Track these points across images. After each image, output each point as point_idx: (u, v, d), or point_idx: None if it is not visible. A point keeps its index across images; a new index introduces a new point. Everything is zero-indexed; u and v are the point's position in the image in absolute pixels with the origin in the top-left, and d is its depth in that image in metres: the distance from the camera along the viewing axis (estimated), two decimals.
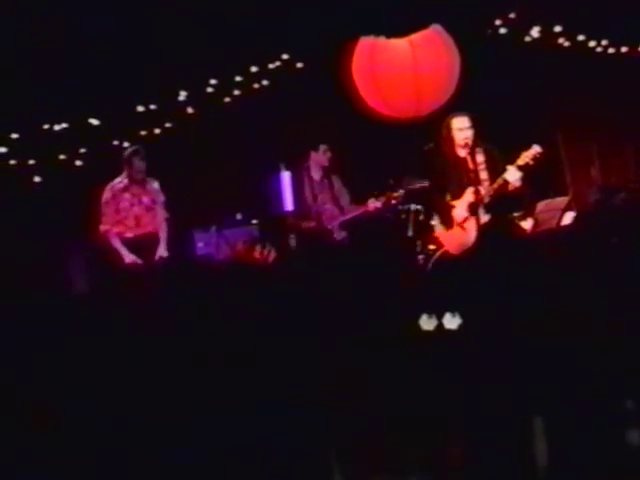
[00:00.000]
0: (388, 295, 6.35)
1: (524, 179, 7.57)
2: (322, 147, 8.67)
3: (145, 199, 8.30)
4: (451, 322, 6.39)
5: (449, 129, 7.77)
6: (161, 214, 8.32)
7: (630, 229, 6.32)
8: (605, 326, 5.12)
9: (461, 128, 7.72)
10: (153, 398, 5.07)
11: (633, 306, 5.26)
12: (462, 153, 7.77)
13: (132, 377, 5.30)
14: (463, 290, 6.42)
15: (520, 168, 7.55)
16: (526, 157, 7.56)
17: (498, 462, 4.29)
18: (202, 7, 8.83)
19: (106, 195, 8.24)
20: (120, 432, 4.78)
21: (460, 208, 7.74)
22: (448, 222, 7.81)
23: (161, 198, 8.33)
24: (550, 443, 4.46)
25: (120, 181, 8.28)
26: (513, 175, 7.55)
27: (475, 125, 7.72)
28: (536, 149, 7.57)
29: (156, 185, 8.32)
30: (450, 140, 7.78)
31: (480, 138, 7.73)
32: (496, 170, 7.68)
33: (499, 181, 7.57)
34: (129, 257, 8.12)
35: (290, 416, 4.84)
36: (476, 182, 7.65)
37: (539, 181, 7.91)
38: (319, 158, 8.72)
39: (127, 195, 8.26)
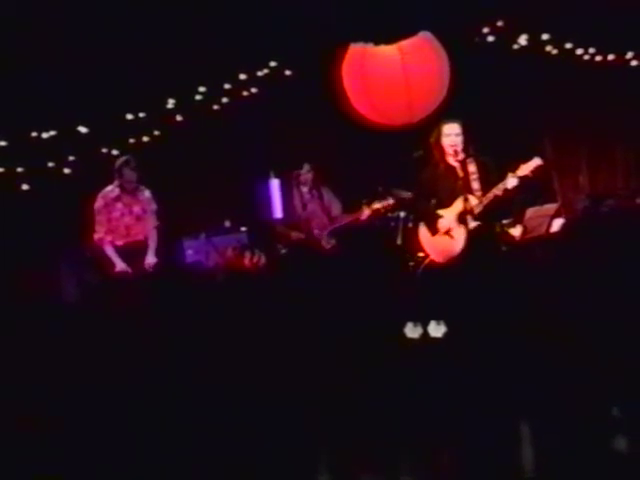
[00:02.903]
0: (377, 303, 6.49)
1: (518, 189, 7.65)
2: (306, 166, 8.81)
3: (136, 209, 8.43)
4: (436, 330, 6.67)
5: (439, 135, 7.81)
6: (151, 222, 8.45)
7: (618, 236, 6.45)
8: (594, 332, 5.30)
9: (449, 134, 7.75)
10: (144, 403, 5.29)
11: (621, 312, 5.45)
12: (452, 161, 7.80)
13: (123, 383, 5.52)
14: (451, 298, 6.56)
15: (519, 178, 7.60)
16: (526, 168, 7.59)
17: (484, 466, 4.47)
18: (191, 15, 8.92)
19: (98, 203, 8.35)
20: (111, 440, 4.97)
21: (449, 216, 7.75)
22: (433, 229, 7.82)
23: (152, 207, 8.47)
24: (536, 449, 4.64)
25: (112, 190, 8.39)
26: (512, 184, 7.59)
27: (466, 133, 7.76)
28: (537, 161, 7.61)
29: (147, 194, 8.45)
30: (440, 146, 7.82)
31: (474, 149, 7.78)
32: (488, 182, 7.70)
33: (500, 186, 7.57)
34: (120, 265, 8.26)
35: (282, 419, 5.05)
36: (467, 191, 7.69)
37: (528, 188, 7.83)
38: (300, 177, 8.85)
39: (119, 205, 8.39)
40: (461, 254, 7.42)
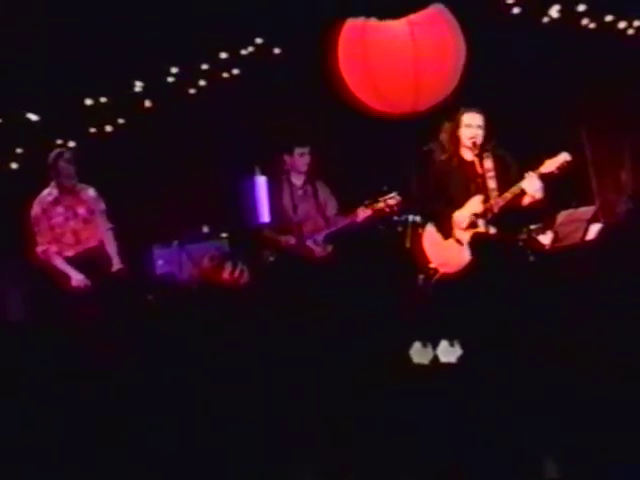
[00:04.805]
0: (381, 322, 6.11)
1: (545, 190, 7.39)
2: (297, 150, 8.40)
3: (81, 210, 8.10)
4: (449, 354, 6.11)
5: (457, 125, 7.62)
6: (103, 224, 8.15)
7: None
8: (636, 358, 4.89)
9: (470, 124, 7.55)
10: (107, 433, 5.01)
11: None
12: (468, 155, 7.56)
13: (77, 410, 5.19)
14: (467, 316, 6.16)
15: (542, 177, 7.36)
16: (551, 165, 7.37)
17: None
18: None
19: (35, 210, 8.02)
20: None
21: (461, 219, 7.57)
22: (446, 232, 7.62)
23: (100, 206, 8.15)
24: None
25: (49, 192, 8.07)
26: (532, 185, 7.33)
27: (488, 126, 7.54)
28: (565, 157, 7.39)
29: (92, 192, 8.14)
30: (456, 138, 7.62)
31: (493, 142, 7.59)
32: (507, 180, 7.53)
33: (514, 190, 7.37)
34: (77, 278, 7.91)
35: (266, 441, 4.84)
36: (483, 191, 7.52)
37: (560, 187, 7.60)
38: (295, 163, 8.44)
39: (59, 208, 8.04)
40: (470, 263, 7.28)
